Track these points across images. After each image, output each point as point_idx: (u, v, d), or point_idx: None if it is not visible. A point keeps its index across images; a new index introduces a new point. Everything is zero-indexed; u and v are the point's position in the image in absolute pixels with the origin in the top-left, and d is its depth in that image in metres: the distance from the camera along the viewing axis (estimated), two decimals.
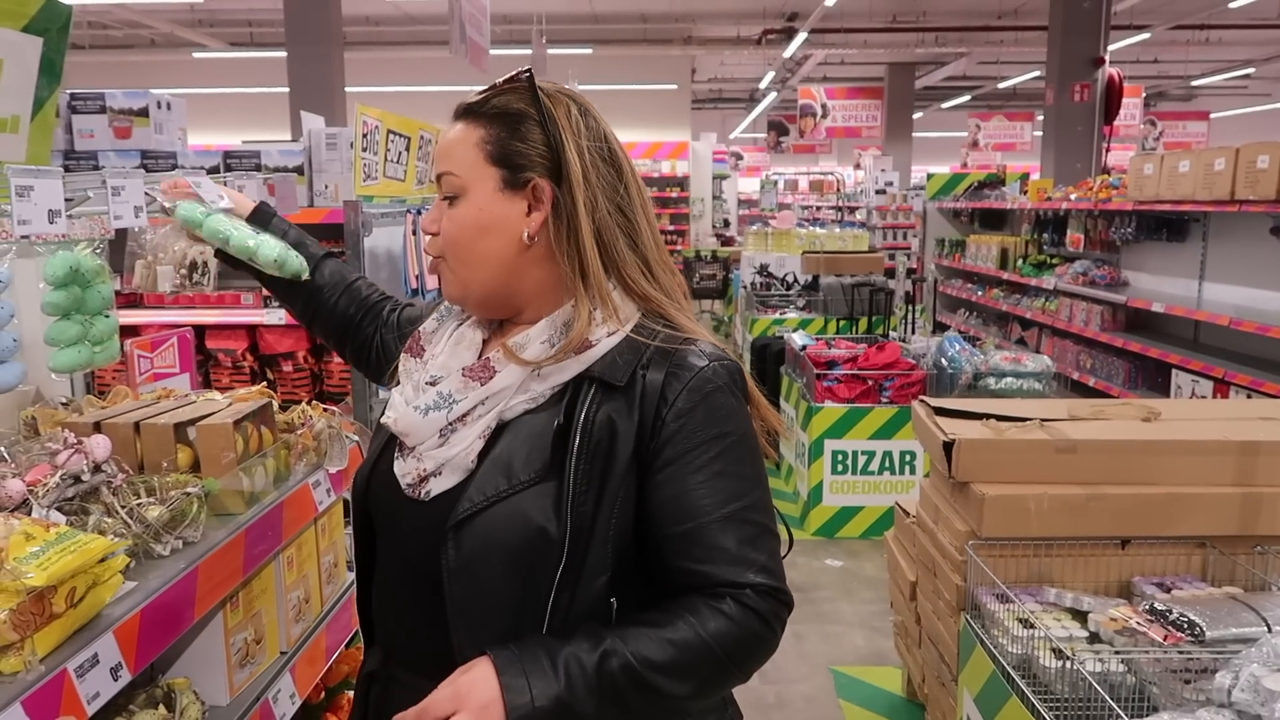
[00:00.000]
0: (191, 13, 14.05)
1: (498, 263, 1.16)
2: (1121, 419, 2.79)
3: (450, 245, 1.18)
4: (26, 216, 1.26)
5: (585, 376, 1.12)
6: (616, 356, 1.12)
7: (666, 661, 1.04)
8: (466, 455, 1.13)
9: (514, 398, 1.13)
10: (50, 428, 1.79)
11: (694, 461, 1.09)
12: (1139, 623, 2.11)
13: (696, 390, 1.10)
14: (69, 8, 2.01)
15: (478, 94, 1.20)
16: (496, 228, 1.15)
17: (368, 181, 3.37)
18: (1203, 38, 15.22)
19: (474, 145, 1.16)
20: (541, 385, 1.13)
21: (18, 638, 1.11)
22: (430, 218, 1.20)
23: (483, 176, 1.16)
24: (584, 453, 1.08)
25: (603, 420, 1.09)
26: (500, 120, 1.16)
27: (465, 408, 1.13)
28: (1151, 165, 5.74)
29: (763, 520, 1.12)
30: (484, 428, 1.13)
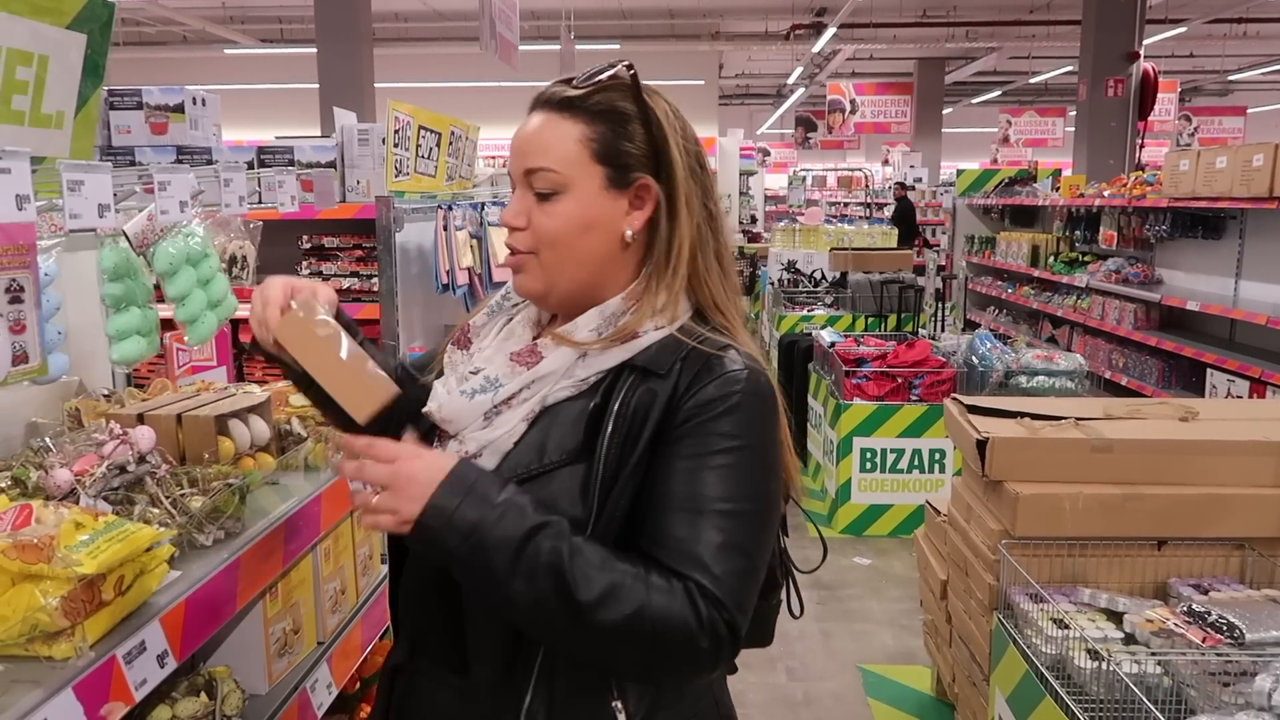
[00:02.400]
0: (223, 9, 14.20)
1: (594, 260, 1.16)
2: (1158, 418, 2.76)
3: (546, 242, 1.15)
4: (78, 210, 1.28)
5: (627, 365, 1.13)
6: (661, 350, 1.13)
7: (595, 573, 1.01)
8: (509, 438, 1.13)
9: (558, 383, 1.14)
10: (93, 419, 1.82)
11: (689, 448, 1.08)
12: (1176, 624, 2.09)
13: (722, 387, 1.10)
14: (111, 5, 2.04)
15: (576, 88, 1.16)
16: (599, 226, 1.15)
17: (399, 177, 3.39)
18: (1240, 31, 14.97)
19: (576, 142, 1.14)
20: (585, 371, 1.14)
21: (69, 624, 1.13)
22: (514, 211, 1.17)
23: (588, 174, 1.14)
24: (616, 436, 1.09)
25: (636, 405, 1.10)
26: (604, 118, 1.15)
27: (511, 390, 1.14)
28: (1187, 161, 5.66)
29: (741, 539, 1.06)
30: (528, 411, 1.14)
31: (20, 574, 1.13)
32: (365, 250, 3.74)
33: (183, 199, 1.56)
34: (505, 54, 5.78)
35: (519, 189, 1.19)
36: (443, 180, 3.87)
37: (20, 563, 1.13)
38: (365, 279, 3.70)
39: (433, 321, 4.02)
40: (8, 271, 1.27)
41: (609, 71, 1.16)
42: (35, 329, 1.31)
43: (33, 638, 1.13)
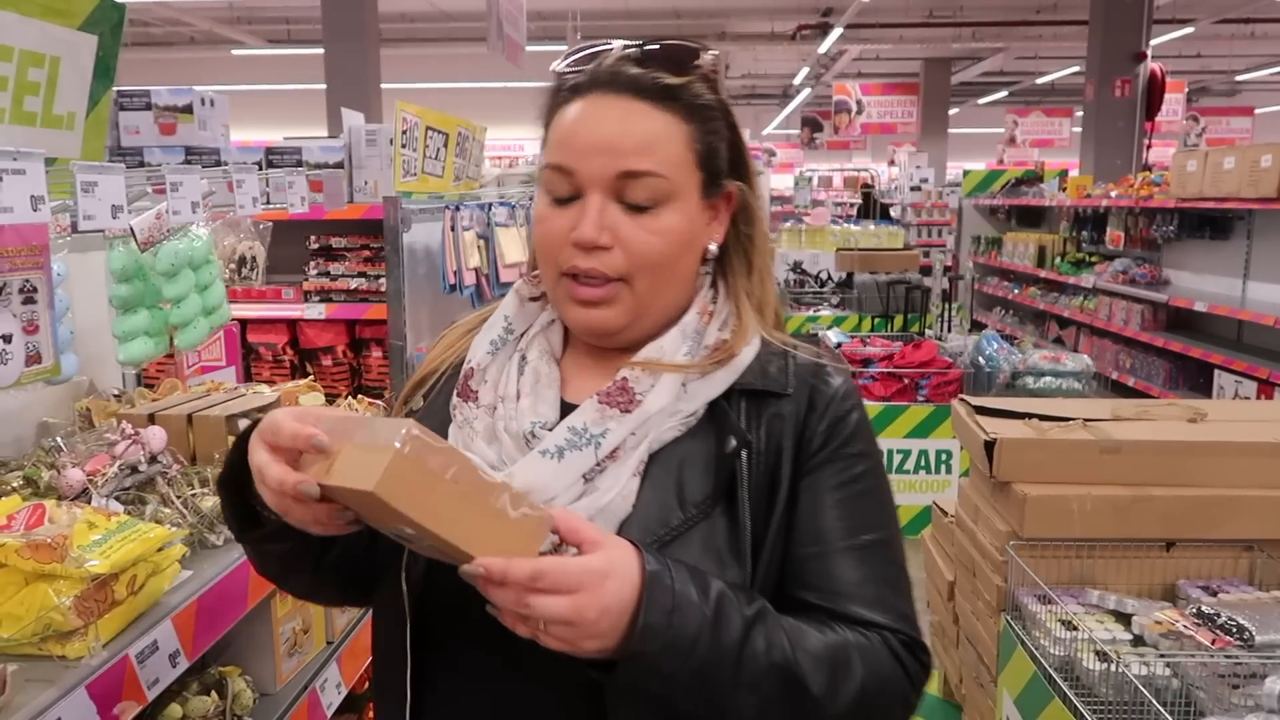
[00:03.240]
0: (230, 10, 14.24)
1: (688, 281, 1.02)
2: (1166, 419, 2.75)
3: (647, 265, 0.96)
4: (91, 211, 1.29)
5: (734, 390, 0.98)
6: (765, 364, 1.00)
7: (815, 658, 0.87)
8: (623, 500, 0.92)
9: (664, 422, 0.95)
10: (104, 419, 1.83)
11: (834, 477, 0.97)
12: (1185, 626, 2.09)
13: (841, 404, 0.99)
14: (122, 7, 2.05)
15: (676, 74, 0.97)
16: (696, 242, 1.00)
17: (407, 177, 3.40)
18: (1247, 31, 14.92)
19: (683, 143, 0.97)
20: (690, 404, 0.96)
21: (82, 624, 1.14)
22: (596, 225, 0.94)
23: (692, 183, 0.98)
24: (758, 476, 0.95)
25: (768, 435, 0.97)
26: (700, 114, 0.98)
27: (615, 440, 0.93)
28: (1195, 162, 5.65)
29: (900, 561, 0.99)
30: (638, 462, 0.94)
31: (34, 573, 1.14)
32: (373, 251, 3.75)
33: (194, 200, 1.56)
34: (512, 54, 5.78)
35: (594, 195, 0.95)
36: (450, 181, 3.88)
37: (34, 562, 1.13)
38: (373, 279, 3.71)
39: (440, 321, 4.03)
40: (21, 272, 1.28)
41: (706, 55, 1.00)
42: (48, 329, 1.32)
43: (46, 637, 1.14)
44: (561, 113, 0.98)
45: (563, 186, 0.96)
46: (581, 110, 0.96)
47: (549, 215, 0.97)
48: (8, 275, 1.28)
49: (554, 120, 0.99)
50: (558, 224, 0.96)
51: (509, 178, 5.93)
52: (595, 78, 0.97)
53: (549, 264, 0.98)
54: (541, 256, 1.00)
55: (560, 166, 0.96)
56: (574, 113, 0.96)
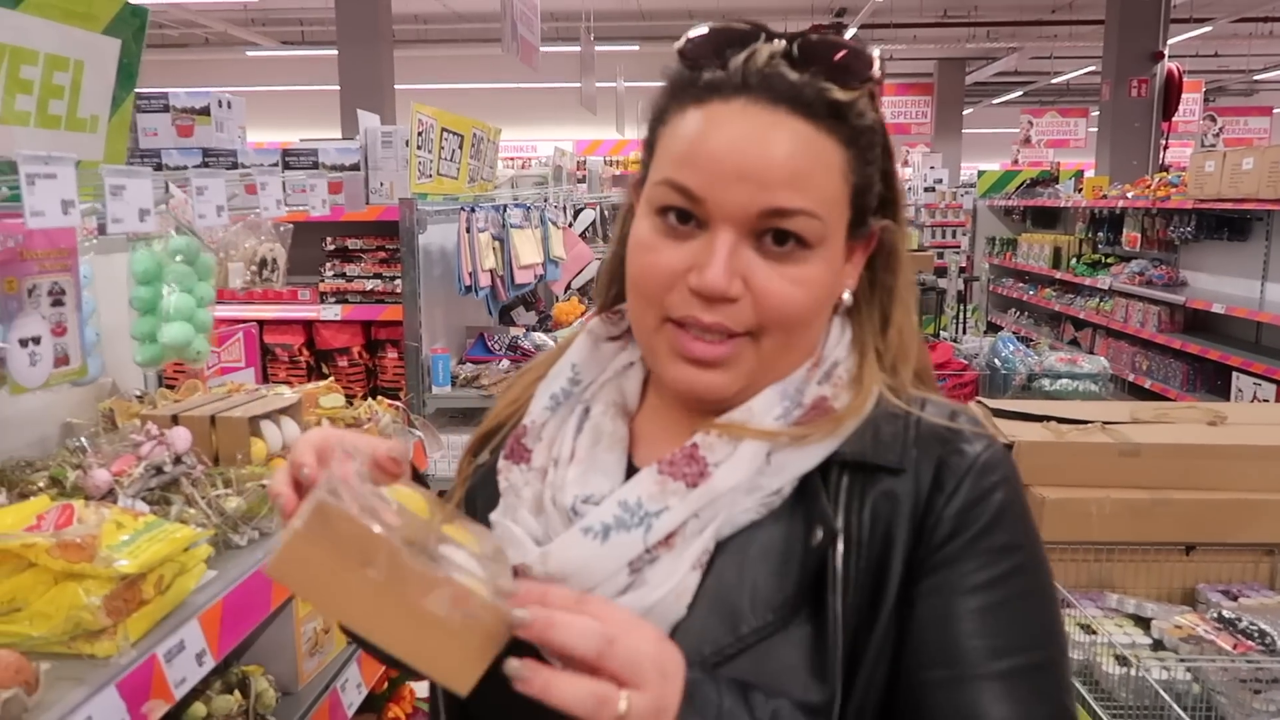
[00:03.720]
0: (245, 12, 14.32)
1: (815, 339, 0.82)
2: (1186, 422, 2.74)
3: (782, 321, 0.77)
4: (119, 215, 1.30)
5: (834, 462, 0.78)
6: (877, 429, 0.79)
7: None
8: (678, 598, 0.74)
9: (739, 502, 0.76)
10: (126, 419, 1.84)
11: (967, 579, 0.75)
12: (1206, 630, 2.08)
13: (980, 479, 0.77)
14: (145, 12, 2.07)
15: (845, 95, 0.77)
16: (835, 292, 0.82)
17: (422, 179, 3.42)
18: (1266, 30, 14.81)
19: (840, 175, 0.78)
20: (775, 479, 0.77)
21: (111, 623, 1.15)
22: (727, 273, 0.74)
23: (841, 223, 0.79)
24: (855, 576, 0.75)
25: (874, 521, 0.76)
26: (860, 140, 0.79)
27: (673, 522, 0.75)
28: (1213, 162, 5.61)
29: (1061, 694, 0.76)
30: (701, 551, 0.75)
31: (64, 573, 1.15)
32: (388, 252, 3.77)
33: (219, 203, 1.58)
34: (526, 55, 5.80)
35: (724, 232, 0.75)
36: (465, 182, 3.89)
37: (64, 562, 1.15)
38: (388, 280, 3.73)
39: (455, 323, 4.04)
40: (50, 275, 1.30)
41: (877, 62, 0.80)
42: (76, 331, 1.33)
43: (76, 636, 1.15)
44: (687, 114, 0.78)
45: (683, 211, 0.76)
46: (722, 119, 0.75)
47: (657, 246, 0.77)
48: (37, 278, 1.30)
49: (673, 120, 0.79)
50: (670, 260, 0.76)
51: (523, 179, 5.95)
52: (745, 78, 0.76)
53: (650, 305, 0.78)
54: (640, 294, 0.79)
55: (684, 189, 0.75)
56: (710, 120, 0.76)
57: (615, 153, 16.50)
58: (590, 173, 7.76)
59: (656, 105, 0.83)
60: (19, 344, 1.28)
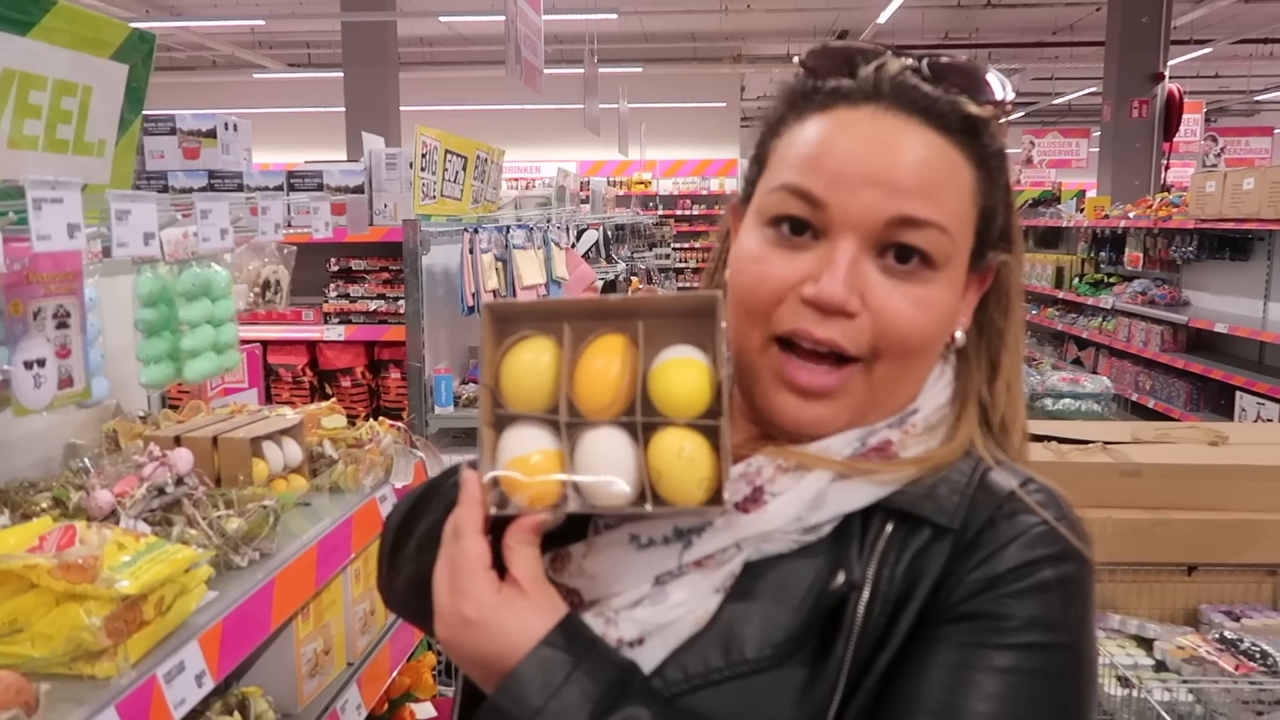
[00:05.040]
0: (252, 35, 14.46)
1: (926, 375, 0.77)
2: (1188, 443, 2.74)
3: (900, 346, 0.72)
4: (124, 239, 1.32)
5: (880, 508, 0.72)
6: (936, 483, 0.72)
7: None
8: (695, 620, 0.71)
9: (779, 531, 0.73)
10: (130, 440, 1.85)
11: (967, 639, 0.68)
12: (1208, 651, 2.07)
13: (1027, 550, 0.70)
14: (153, 38, 2.10)
15: (979, 111, 0.73)
16: (952, 323, 0.77)
17: (426, 200, 3.45)
18: (1266, 51, 14.89)
19: (969, 193, 0.73)
20: (819, 514, 0.72)
21: (111, 644, 1.15)
22: (846, 283, 0.70)
23: (967, 247, 0.75)
24: (868, 629, 0.69)
25: (905, 578, 0.70)
26: (989, 163, 0.75)
27: (715, 546, 0.72)
28: (1214, 183, 5.63)
29: None
30: (728, 575, 0.72)
31: (65, 594, 1.16)
32: (392, 273, 3.79)
33: (223, 226, 1.59)
34: (530, 78, 5.84)
35: (846, 241, 0.71)
36: (468, 203, 3.92)
37: (65, 583, 1.15)
38: (392, 301, 3.75)
39: (458, 343, 4.06)
40: (55, 298, 1.31)
41: (1010, 87, 0.76)
42: (80, 354, 1.35)
43: (76, 657, 1.16)
44: (808, 122, 0.73)
45: (799, 221, 0.72)
46: (850, 124, 0.71)
47: (768, 256, 0.72)
48: (42, 301, 1.31)
49: (792, 129, 0.75)
50: (783, 270, 0.71)
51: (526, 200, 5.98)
52: (876, 86, 0.72)
53: (756, 322, 0.73)
54: (745, 309, 0.73)
55: (805, 193, 0.71)
56: (836, 125, 0.72)
57: (619, 173, 16.60)
58: (594, 193, 7.80)
59: (770, 116, 0.78)
60: (24, 366, 1.29)
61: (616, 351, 0.69)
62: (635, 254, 7.75)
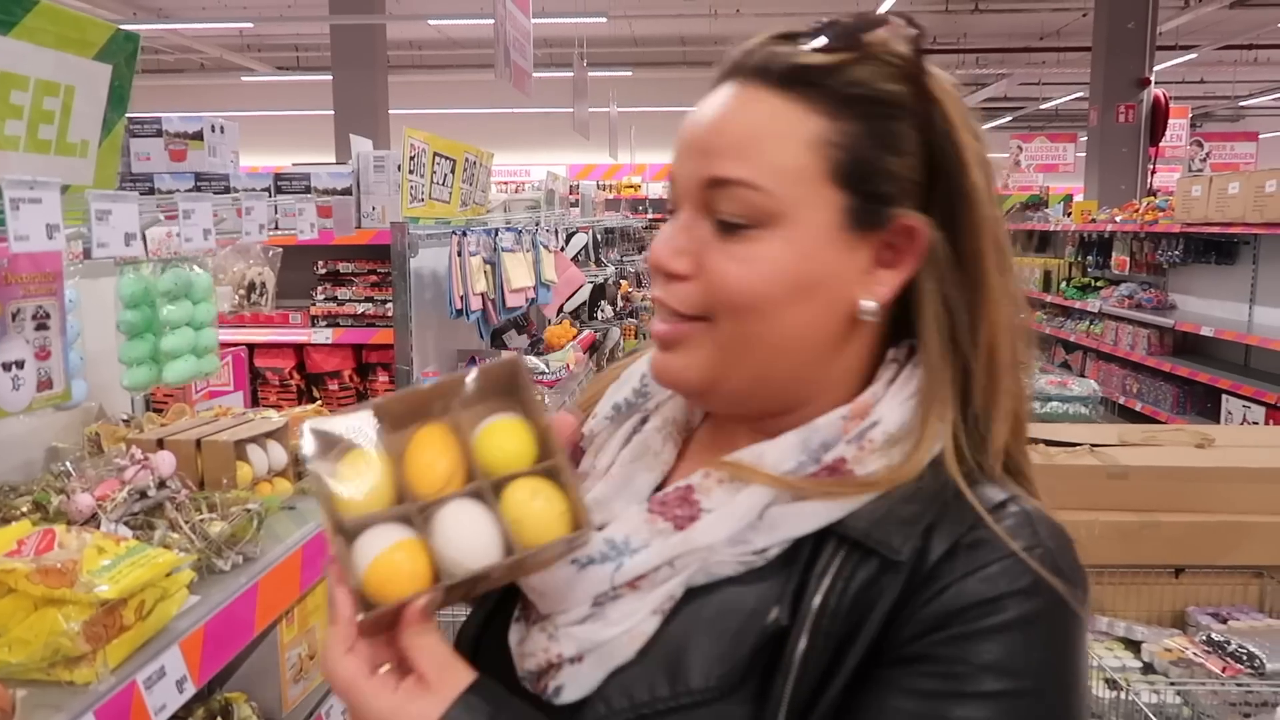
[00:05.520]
0: (241, 38, 14.42)
1: (809, 346, 0.72)
2: (1174, 445, 2.75)
3: (729, 304, 0.70)
4: (105, 239, 1.30)
5: (832, 533, 0.68)
6: (894, 506, 0.67)
7: None
8: (629, 641, 0.70)
9: (721, 553, 0.70)
10: (113, 444, 1.83)
11: (927, 682, 0.64)
12: (1195, 653, 2.08)
13: (996, 583, 0.64)
14: (136, 38, 2.08)
15: (815, 48, 0.70)
16: (819, 286, 0.70)
17: (414, 203, 3.43)
18: (1250, 57, 15.02)
19: (806, 144, 0.69)
20: (763, 538, 0.69)
21: (90, 649, 1.14)
22: (674, 247, 0.72)
23: (816, 201, 0.69)
24: (811, 659, 0.65)
25: (849, 610, 0.66)
26: (861, 109, 0.69)
27: (645, 565, 0.70)
28: (1200, 187, 5.67)
29: None
30: (666, 598, 0.70)
31: (43, 599, 1.14)
32: (380, 275, 3.77)
33: (205, 227, 1.58)
34: (519, 81, 5.84)
35: (683, 209, 0.73)
36: (457, 206, 3.91)
37: (43, 587, 1.14)
38: (380, 304, 3.73)
39: (446, 346, 4.04)
40: (34, 299, 1.29)
41: (878, 28, 0.71)
42: (60, 355, 1.33)
43: (54, 662, 1.14)
44: None
45: (670, 199, 0.76)
46: (699, 104, 0.74)
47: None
48: (21, 302, 1.30)
49: None
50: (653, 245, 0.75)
51: (515, 203, 5.97)
52: (734, 62, 0.74)
53: None
54: None
55: (669, 174, 0.76)
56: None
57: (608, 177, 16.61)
58: (583, 197, 7.80)
59: None
60: (2, 368, 1.28)
61: (438, 438, 0.71)
62: (625, 257, 7.75)
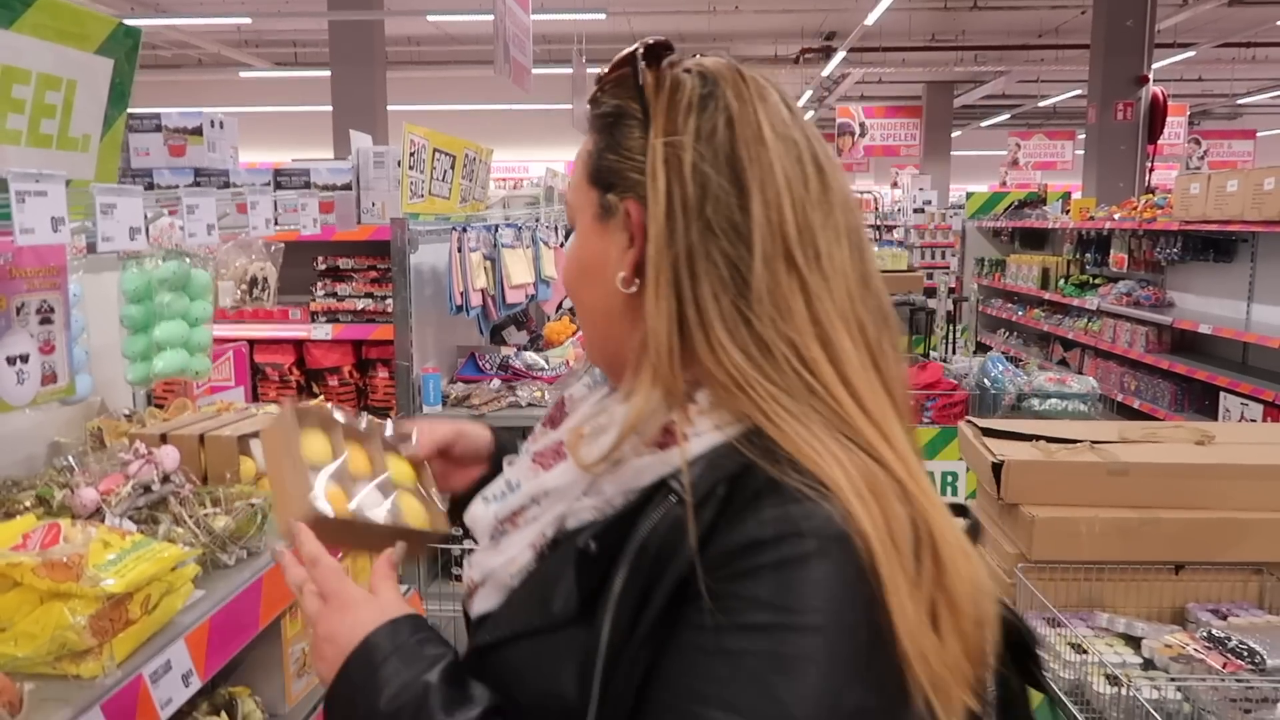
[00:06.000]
0: (238, 33, 14.38)
1: (601, 316, 0.88)
2: (1174, 442, 2.76)
3: (565, 287, 0.94)
4: (110, 233, 1.30)
5: (667, 485, 0.78)
6: (709, 464, 0.76)
7: None
8: (509, 569, 0.84)
9: (579, 500, 0.82)
10: (115, 438, 1.83)
11: (706, 619, 0.72)
12: (1196, 650, 2.08)
13: (770, 526, 0.72)
14: (137, 32, 2.08)
15: (597, 96, 0.89)
16: (595, 269, 0.86)
17: (414, 199, 3.43)
18: (1249, 55, 15.02)
19: (581, 160, 0.89)
20: (614, 487, 0.80)
21: (96, 643, 1.14)
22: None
23: (585, 202, 0.88)
24: (629, 591, 0.75)
25: (660, 546, 0.75)
26: (606, 124, 0.87)
27: (518, 503, 0.86)
28: (1198, 185, 5.67)
29: None
30: (537, 535, 0.83)
31: (49, 592, 1.14)
32: (380, 271, 3.77)
33: (209, 221, 1.58)
34: (519, 78, 5.83)
35: None
36: (457, 202, 3.91)
37: (50, 581, 1.14)
38: (380, 300, 3.73)
39: (446, 343, 4.04)
40: (39, 293, 1.29)
41: (638, 53, 0.86)
42: (64, 350, 1.33)
43: (61, 656, 1.14)
44: None
45: None
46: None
47: None
48: (25, 296, 1.30)
49: None
50: None
51: (514, 199, 5.97)
52: None
53: None
54: None
55: None
56: None
57: None
58: None
59: None
60: (6, 362, 1.27)
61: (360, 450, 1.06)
62: None
